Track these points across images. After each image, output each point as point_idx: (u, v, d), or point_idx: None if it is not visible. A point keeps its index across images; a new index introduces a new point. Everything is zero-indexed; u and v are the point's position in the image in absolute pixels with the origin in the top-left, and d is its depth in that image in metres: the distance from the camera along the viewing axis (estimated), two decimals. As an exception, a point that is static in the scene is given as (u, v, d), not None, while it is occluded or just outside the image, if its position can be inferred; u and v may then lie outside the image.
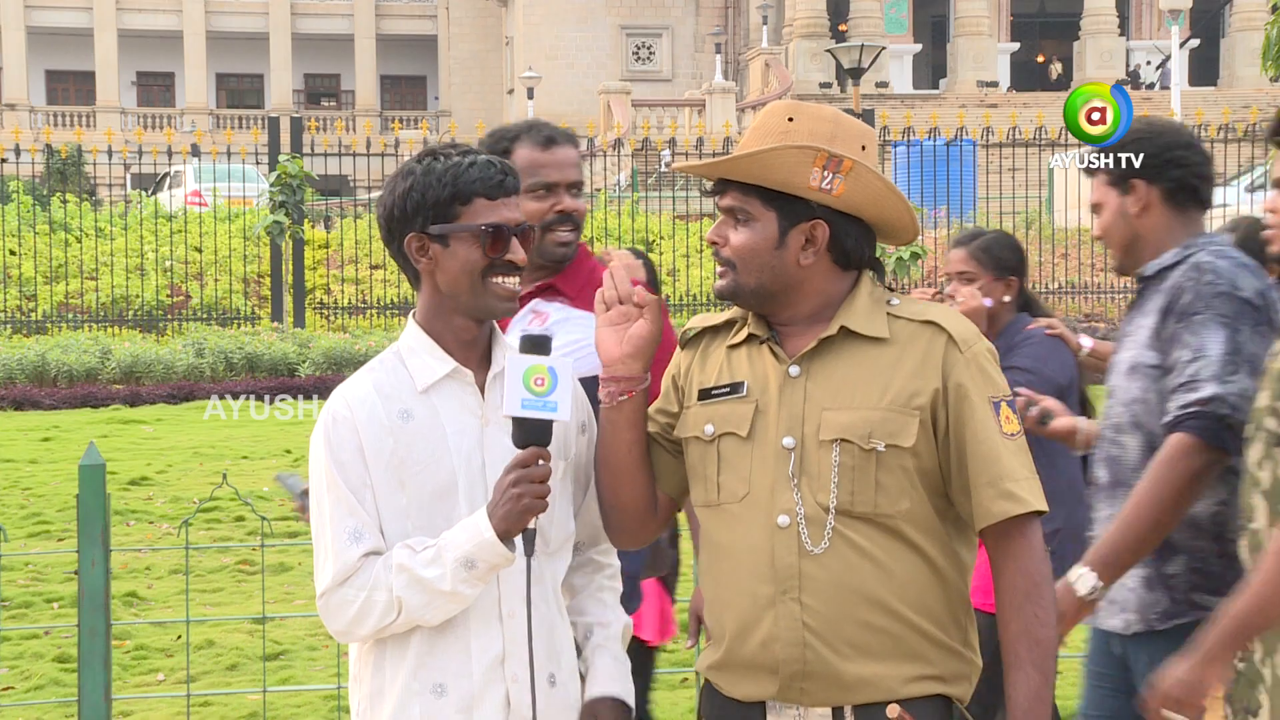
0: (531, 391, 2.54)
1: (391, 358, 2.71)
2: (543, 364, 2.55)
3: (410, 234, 2.66)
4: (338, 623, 2.62)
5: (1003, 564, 2.54)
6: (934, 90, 51.16)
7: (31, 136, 35.23)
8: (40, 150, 26.03)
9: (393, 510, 2.61)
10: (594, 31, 53.57)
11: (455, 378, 2.67)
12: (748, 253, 2.59)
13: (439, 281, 2.67)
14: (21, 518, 9.72)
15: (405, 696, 2.63)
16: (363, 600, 2.57)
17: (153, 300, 19.96)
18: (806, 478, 2.54)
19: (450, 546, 2.54)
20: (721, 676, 2.63)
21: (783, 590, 2.52)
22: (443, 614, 2.58)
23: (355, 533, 2.59)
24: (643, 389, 2.68)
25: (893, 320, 2.59)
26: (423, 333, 2.70)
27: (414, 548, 2.57)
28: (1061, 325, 4.64)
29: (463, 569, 2.53)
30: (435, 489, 2.61)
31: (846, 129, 2.60)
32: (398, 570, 2.56)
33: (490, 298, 2.66)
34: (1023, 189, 24.33)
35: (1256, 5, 47.74)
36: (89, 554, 5.30)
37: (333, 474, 2.61)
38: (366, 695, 2.68)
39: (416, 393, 2.65)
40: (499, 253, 2.64)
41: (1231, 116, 22.37)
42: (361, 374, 2.71)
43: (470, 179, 2.64)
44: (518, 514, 2.51)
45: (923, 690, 2.52)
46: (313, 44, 59.24)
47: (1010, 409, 2.57)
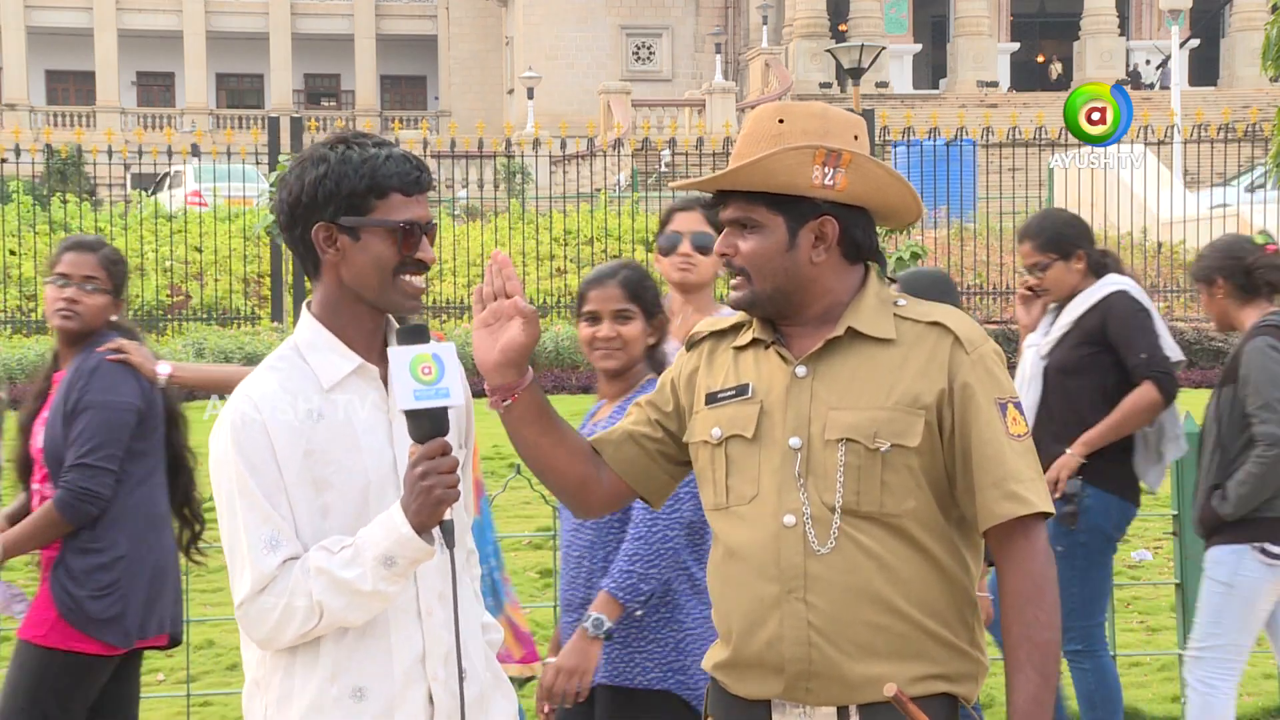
0: (420, 381, 2.45)
1: (291, 354, 2.61)
2: (426, 352, 2.47)
3: (319, 223, 2.57)
4: (259, 632, 2.53)
5: (1006, 565, 2.54)
6: (934, 90, 51.14)
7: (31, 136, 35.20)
8: (40, 150, 26.01)
9: (307, 512, 2.52)
10: (594, 31, 53.54)
11: (360, 374, 2.60)
12: (761, 259, 2.59)
13: (343, 275, 2.59)
14: (22, 518, 9.70)
15: (320, 701, 2.54)
16: (283, 607, 2.49)
17: (153, 300, 19.95)
18: (813, 478, 2.54)
19: (368, 545, 2.46)
20: (728, 675, 2.63)
21: (788, 590, 2.53)
22: (366, 614, 2.51)
23: (271, 540, 2.49)
24: (526, 388, 2.63)
25: (899, 321, 2.60)
26: (322, 327, 2.61)
27: (330, 549, 2.49)
28: (135, 349, 4.43)
29: (382, 567, 2.45)
30: (350, 489, 2.54)
31: (837, 122, 2.60)
32: (316, 573, 2.47)
33: (398, 295, 2.59)
34: (1023, 189, 24.32)
35: (1256, 5, 47.72)
36: (90, 554, 5.28)
37: (245, 479, 2.51)
38: (274, 701, 2.58)
39: (322, 390, 2.56)
40: (412, 250, 2.57)
41: (1231, 116, 22.35)
42: (262, 372, 2.60)
43: (388, 173, 2.56)
44: (431, 506, 2.43)
45: (928, 689, 2.52)
46: (313, 44, 59.20)
47: (1017, 410, 2.57)
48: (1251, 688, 6.39)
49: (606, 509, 2.88)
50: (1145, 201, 22.46)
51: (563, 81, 51.77)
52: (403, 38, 59.77)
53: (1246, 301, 5.02)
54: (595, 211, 21.78)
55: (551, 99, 49.61)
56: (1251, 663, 6.66)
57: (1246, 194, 22.81)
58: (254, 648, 2.63)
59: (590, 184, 27.59)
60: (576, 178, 27.89)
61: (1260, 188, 22.27)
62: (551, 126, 37.82)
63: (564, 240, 20.64)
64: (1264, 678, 6.45)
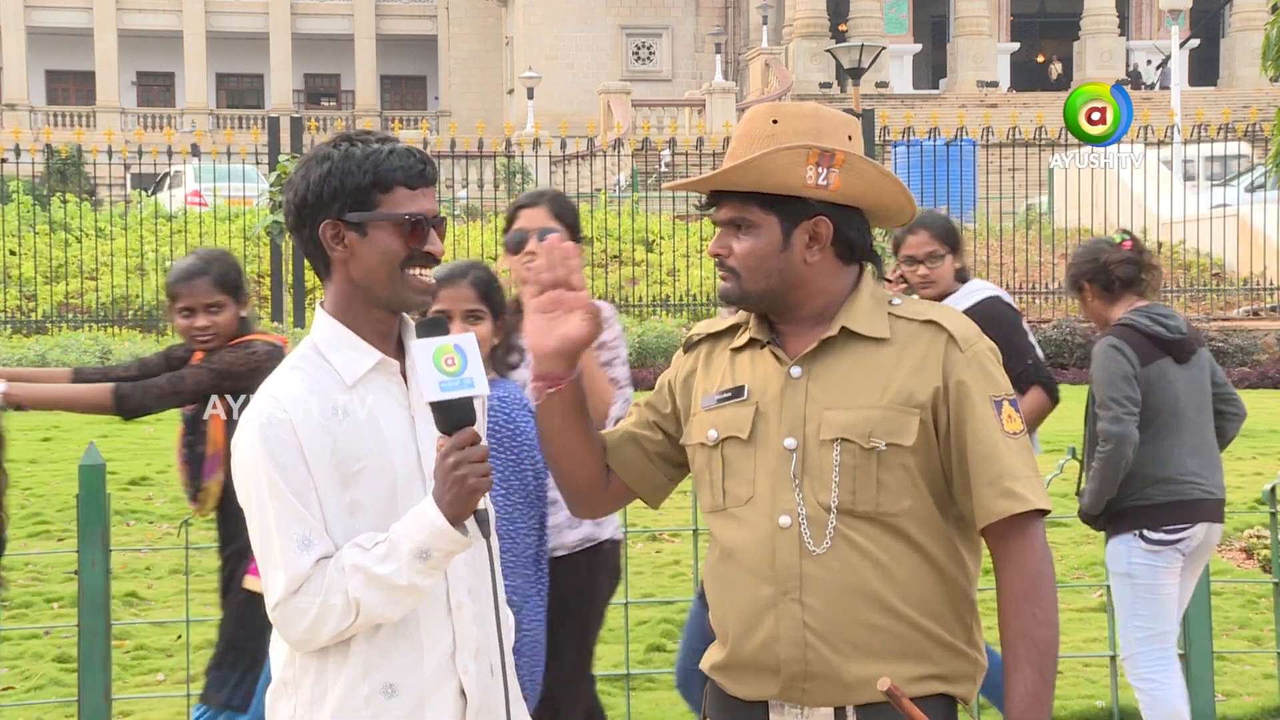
0: (445, 373, 2.44)
1: (311, 353, 2.59)
2: (449, 343, 2.46)
3: (325, 221, 2.55)
4: (294, 632, 2.51)
5: (1003, 563, 2.54)
6: (934, 90, 51.15)
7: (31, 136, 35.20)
8: (40, 150, 26.01)
9: (336, 509, 2.51)
10: (594, 31, 53.56)
11: (381, 370, 2.58)
12: (754, 260, 2.58)
13: (353, 272, 2.57)
14: (21, 518, 9.70)
15: (351, 700, 2.54)
16: (319, 606, 2.47)
17: (153, 300, 19.93)
18: (808, 478, 2.54)
19: (403, 539, 2.45)
20: (725, 676, 2.63)
21: (784, 591, 2.53)
22: (402, 609, 2.50)
23: (304, 540, 2.48)
24: (571, 382, 2.65)
25: (894, 320, 2.60)
26: (339, 324, 2.59)
27: (364, 545, 2.48)
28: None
29: (418, 561, 2.44)
30: (378, 485, 2.53)
31: (830, 122, 2.60)
32: (351, 571, 2.46)
33: (407, 290, 2.57)
34: (1023, 189, 24.34)
35: (1256, 5, 47.73)
36: (89, 554, 5.30)
37: (275, 480, 2.49)
38: (305, 702, 2.57)
39: (345, 388, 2.55)
40: (419, 243, 2.56)
41: (1231, 116, 22.37)
42: (284, 372, 2.58)
43: (391, 166, 2.55)
44: (466, 496, 2.42)
45: (926, 690, 2.52)
46: (313, 44, 59.22)
47: (1012, 408, 2.57)
48: (1252, 688, 6.39)
49: (607, 509, 2.88)
50: (1145, 201, 22.45)
51: (563, 81, 51.78)
52: (403, 38, 59.78)
53: (1113, 300, 5.18)
54: (595, 211, 21.77)
55: (551, 99, 49.63)
56: (1251, 662, 6.68)
57: (1246, 194, 22.81)
58: (282, 647, 2.62)
59: (590, 184, 27.58)
60: (576, 178, 27.89)
61: (1260, 188, 22.27)
62: (551, 126, 37.84)
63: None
64: (1264, 678, 6.45)
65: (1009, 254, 20.71)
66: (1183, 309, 20.34)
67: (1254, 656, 6.74)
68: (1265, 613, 7.22)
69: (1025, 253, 21.06)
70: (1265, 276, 20.98)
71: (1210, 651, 5.75)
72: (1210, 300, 20.78)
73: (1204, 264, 21.68)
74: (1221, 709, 5.96)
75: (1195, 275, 21.57)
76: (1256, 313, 20.19)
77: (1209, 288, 21.00)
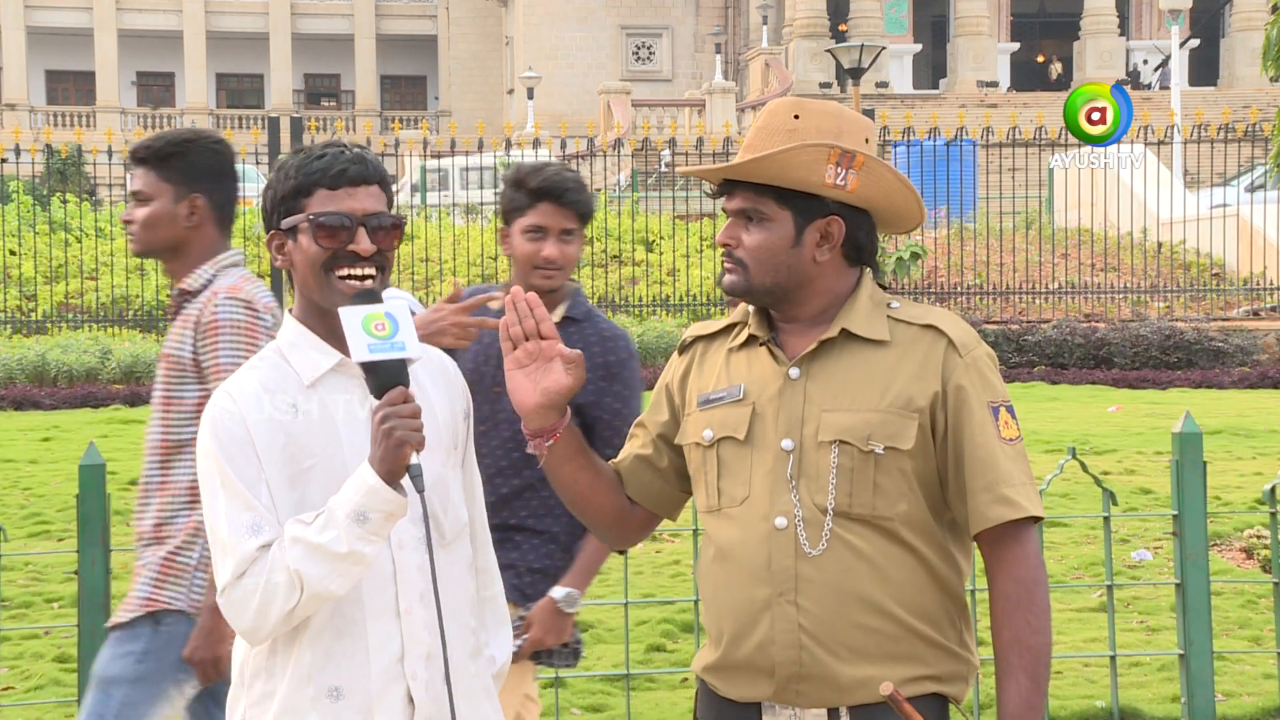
0: (374, 336, 2.46)
1: (273, 354, 2.63)
2: (379, 310, 2.48)
3: (271, 230, 2.61)
4: (243, 619, 2.49)
5: (996, 569, 2.54)
6: (934, 90, 51.16)
7: (31, 136, 35.21)
8: (40, 150, 26.01)
9: (287, 503, 2.52)
10: (594, 31, 53.57)
11: (340, 370, 2.59)
12: (764, 253, 2.58)
13: (295, 278, 2.61)
14: (21, 518, 9.71)
15: (297, 701, 2.54)
16: (263, 586, 2.46)
17: (153, 300, 19.94)
18: (805, 479, 2.54)
19: (339, 505, 2.45)
20: (717, 678, 2.63)
21: (779, 593, 2.53)
22: (346, 580, 2.47)
23: (253, 526, 2.49)
24: (566, 428, 2.64)
25: (893, 323, 2.60)
26: (302, 327, 2.62)
27: (304, 520, 2.48)
28: None
29: (356, 525, 2.43)
30: (330, 482, 2.52)
31: (851, 123, 2.61)
32: (291, 544, 2.45)
33: (335, 293, 2.56)
34: (1023, 189, 24.33)
35: (1256, 5, 47.74)
36: (89, 554, 5.30)
37: (224, 469, 2.51)
38: (254, 702, 2.58)
39: (303, 387, 2.58)
40: (330, 242, 2.55)
41: (1231, 116, 22.35)
42: (243, 372, 2.62)
43: (312, 170, 2.56)
44: (394, 449, 2.42)
45: (919, 690, 2.53)
46: (313, 44, 59.23)
47: (1010, 414, 2.57)
48: (1252, 688, 6.38)
49: (639, 537, 2.86)
50: (1145, 201, 22.45)
51: (563, 81, 51.80)
52: (403, 38, 59.79)
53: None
54: (595, 211, 21.79)
55: (551, 99, 49.64)
56: (1251, 662, 6.67)
57: (1246, 194, 22.82)
58: (240, 648, 2.63)
59: (590, 184, 27.52)
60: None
61: (1260, 188, 22.28)
62: (551, 126, 37.84)
63: (564, 240, 20.62)
64: (1264, 678, 6.45)
65: (1009, 254, 20.71)
66: (1183, 309, 20.36)
67: (1254, 656, 6.73)
68: (1265, 613, 7.22)
69: (1025, 253, 21.07)
70: (1265, 276, 20.98)
71: (1210, 651, 5.74)
72: (1210, 300, 20.78)
73: (1204, 264, 21.68)
74: (1221, 709, 5.95)
75: (1195, 275, 21.57)
76: (1256, 313, 20.20)
77: (1209, 288, 21.00)
